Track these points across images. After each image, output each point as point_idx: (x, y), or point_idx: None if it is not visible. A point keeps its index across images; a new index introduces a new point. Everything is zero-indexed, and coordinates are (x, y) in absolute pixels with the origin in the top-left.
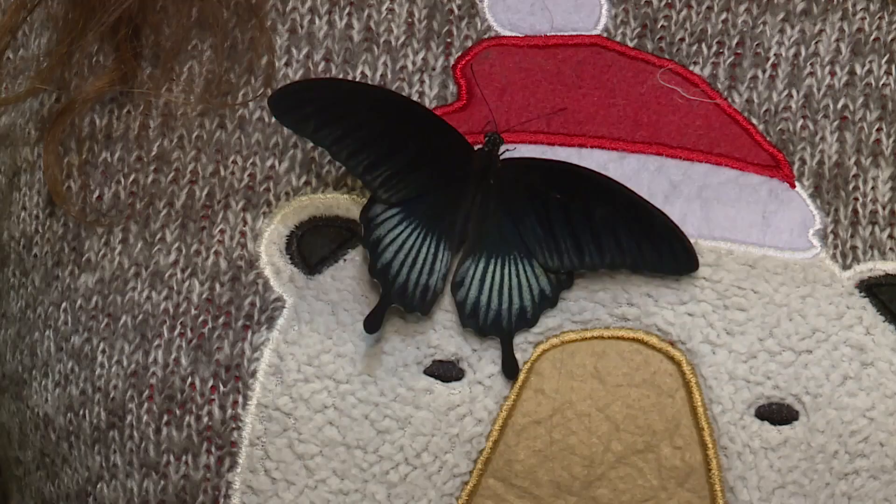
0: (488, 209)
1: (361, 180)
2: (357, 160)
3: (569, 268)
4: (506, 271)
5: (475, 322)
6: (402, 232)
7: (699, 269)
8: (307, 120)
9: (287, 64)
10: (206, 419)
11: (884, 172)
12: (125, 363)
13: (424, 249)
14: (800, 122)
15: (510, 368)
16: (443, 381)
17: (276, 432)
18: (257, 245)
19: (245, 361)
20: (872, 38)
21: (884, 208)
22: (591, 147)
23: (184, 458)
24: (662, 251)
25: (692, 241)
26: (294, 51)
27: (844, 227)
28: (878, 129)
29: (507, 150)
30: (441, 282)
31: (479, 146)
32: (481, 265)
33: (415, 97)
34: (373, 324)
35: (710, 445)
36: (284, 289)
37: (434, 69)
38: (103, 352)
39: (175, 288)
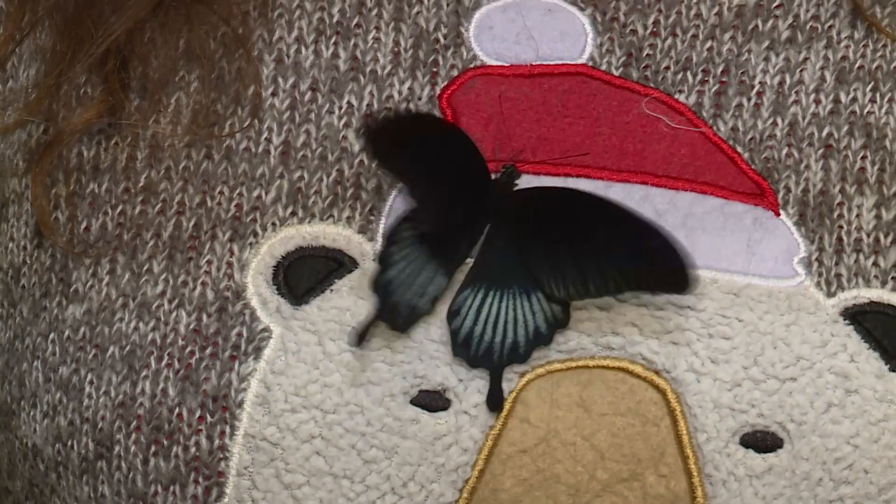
0: (495, 241)
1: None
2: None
3: (575, 298)
4: (503, 305)
5: (466, 352)
6: (410, 252)
7: (685, 297)
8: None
9: (274, 94)
10: (193, 449)
11: (868, 200)
12: (113, 394)
13: (423, 273)
14: (784, 150)
15: (495, 401)
16: (429, 410)
17: (264, 462)
18: (244, 276)
19: (232, 392)
20: (857, 65)
21: (868, 236)
22: (577, 176)
23: (171, 488)
24: (658, 271)
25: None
26: (281, 80)
27: (829, 254)
28: (863, 157)
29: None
30: (429, 304)
31: (496, 175)
32: (479, 296)
33: None
34: (358, 338)
35: (694, 473)
36: (271, 319)
37: (420, 98)
38: (91, 382)
39: (162, 319)
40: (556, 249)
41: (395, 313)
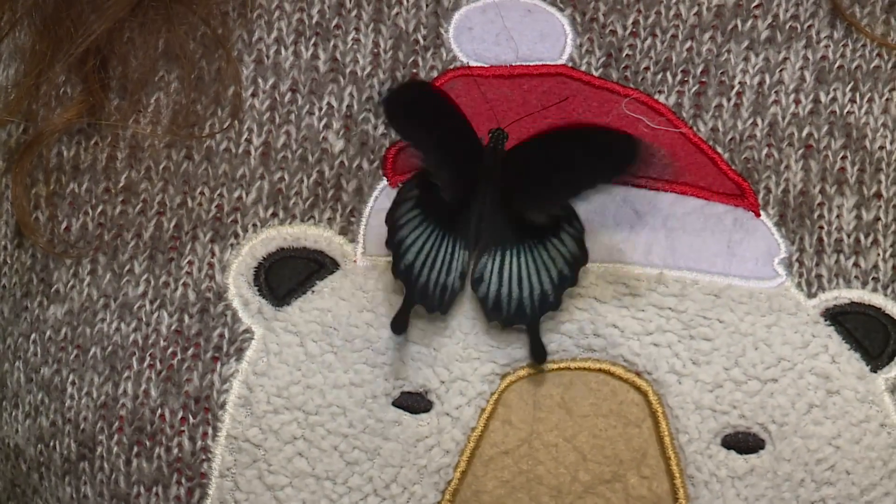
0: (498, 205)
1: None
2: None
3: (549, 209)
4: (522, 260)
5: (499, 314)
6: (422, 233)
7: (666, 298)
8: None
9: (253, 94)
10: (175, 451)
11: (848, 201)
12: (95, 395)
13: (443, 250)
14: (764, 151)
15: (539, 355)
16: (411, 412)
17: (246, 464)
18: (225, 276)
19: (214, 393)
20: (836, 65)
21: (849, 236)
22: None
23: (154, 489)
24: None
25: (657, 271)
26: (260, 81)
27: (809, 255)
28: (843, 158)
29: None
30: (458, 281)
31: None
32: (498, 258)
33: (381, 127)
34: (399, 325)
35: (676, 475)
36: (253, 320)
37: None
38: (73, 383)
39: (144, 319)
40: (535, 182)
41: (425, 295)
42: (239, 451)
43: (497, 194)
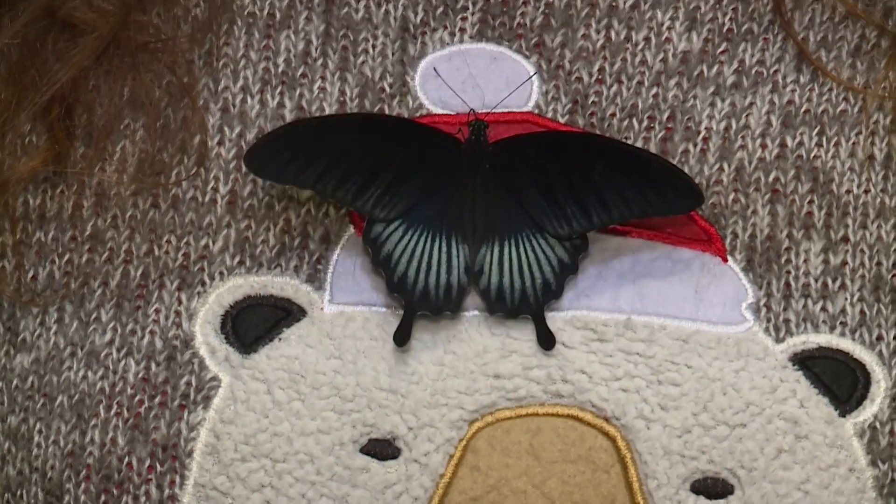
0: (490, 194)
1: (353, 207)
2: (345, 189)
3: (579, 231)
4: (521, 250)
5: (503, 305)
6: (409, 241)
7: (634, 343)
8: (287, 167)
9: (220, 143)
10: (143, 499)
11: (816, 245)
12: (62, 443)
13: (437, 251)
14: (731, 196)
15: (547, 341)
16: (379, 459)
17: None
18: (192, 324)
19: (182, 441)
20: (803, 109)
21: (816, 281)
22: None
23: None
24: (666, 192)
25: (625, 316)
26: (227, 130)
27: (777, 300)
28: (810, 202)
29: None
30: (464, 275)
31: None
32: (496, 249)
33: None
34: (402, 337)
35: None
36: (220, 368)
37: None
38: (40, 432)
39: (111, 367)
40: (552, 189)
41: (426, 300)
42: (207, 500)
43: (495, 185)
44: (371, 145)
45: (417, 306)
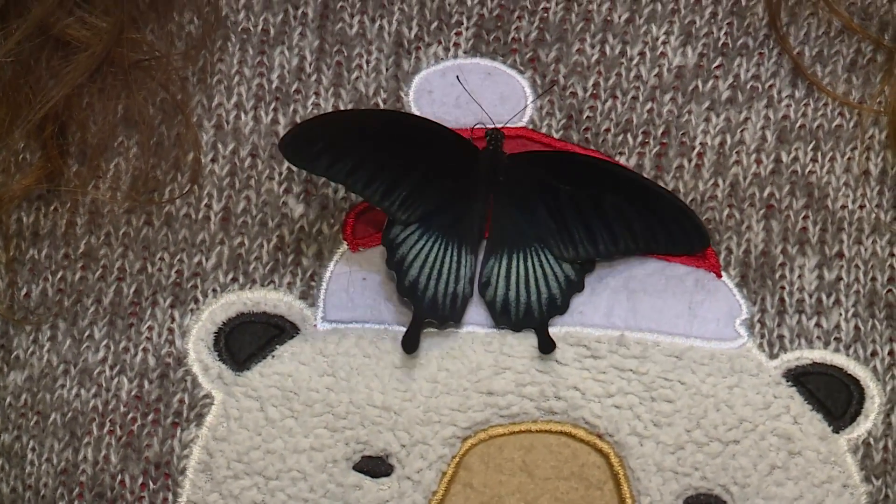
0: (502, 206)
1: (380, 206)
2: (373, 188)
3: (584, 257)
4: (529, 264)
5: (508, 318)
6: (423, 247)
7: (627, 360)
8: (319, 158)
9: (213, 160)
10: None
11: (810, 261)
12: (55, 461)
13: (448, 259)
14: (726, 211)
15: (547, 347)
16: (372, 476)
17: None
18: (185, 342)
19: (174, 459)
20: (798, 125)
21: (810, 297)
22: None
23: None
24: (674, 232)
25: (618, 333)
26: (220, 146)
27: (771, 316)
28: (805, 217)
29: None
30: (469, 286)
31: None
32: (504, 262)
33: (341, 191)
34: (411, 343)
35: None
36: (213, 385)
37: None
38: (33, 449)
39: (104, 385)
40: (562, 212)
41: (434, 308)
42: None
43: (508, 197)
44: (400, 146)
45: (426, 313)
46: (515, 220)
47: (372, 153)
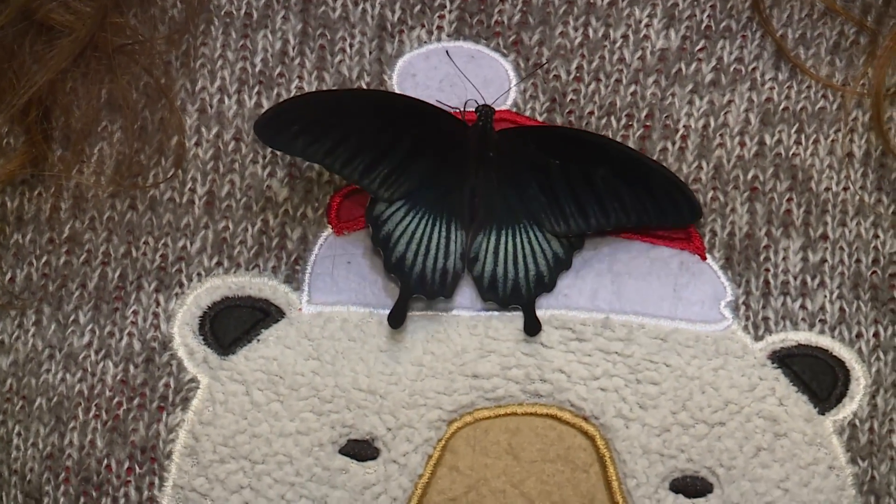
0: (492, 182)
1: (360, 184)
2: (352, 167)
3: (575, 231)
4: (518, 240)
5: (495, 294)
6: (410, 223)
7: (613, 342)
8: (295, 139)
9: (197, 144)
10: (122, 501)
11: (794, 243)
12: (41, 445)
13: (436, 235)
14: (710, 194)
15: (533, 329)
16: (358, 460)
17: None
18: (170, 326)
19: (160, 443)
20: (781, 107)
21: (795, 279)
22: None
23: None
24: (665, 204)
25: (603, 315)
26: (204, 130)
27: (756, 298)
28: (789, 200)
29: None
30: (459, 262)
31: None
32: (493, 238)
33: (325, 175)
34: (397, 318)
35: None
36: (198, 369)
37: None
38: (19, 434)
39: (89, 370)
40: (553, 186)
41: (423, 283)
42: (186, 501)
43: (497, 173)
44: (381, 124)
45: (414, 289)
46: (505, 196)
47: (349, 134)
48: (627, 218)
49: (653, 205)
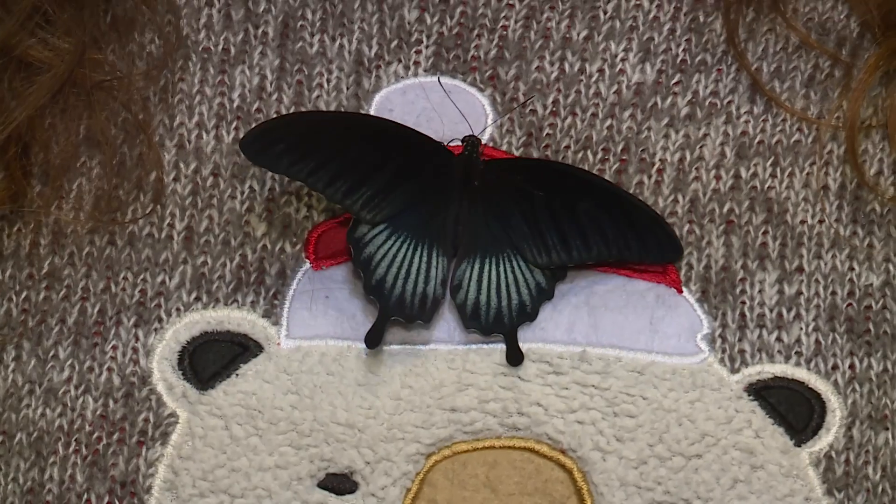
0: (477, 211)
1: (342, 205)
2: (335, 187)
3: (557, 263)
4: (501, 269)
5: (478, 322)
6: (391, 246)
7: (590, 375)
8: (280, 158)
9: (175, 179)
10: None
11: (770, 275)
12: (21, 480)
13: (417, 259)
14: (686, 227)
15: (515, 359)
16: (337, 494)
17: None
18: (149, 361)
19: (140, 477)
20: (757, 140)
21: (771, 311)
22: None
23: None
24: (647, 240)
25: (580, 349)
26: (182, 166)
27: (732, 330)
28: (765, 233)
29: None
30: (440, 288)
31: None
32: (476, 266)
33: (303, 210)
34: (374, 339)
35: None
36: (177, 404)
37: None
38: None
39: (69, 405)
40: (536, 217)
41: (402, 306)
42: None
43: (482, 202)
44: (368, 147)
45: (392, 311)
46: (489, 225)
47: (333, 155)
48: (609, 252)
49: (635, 241)
